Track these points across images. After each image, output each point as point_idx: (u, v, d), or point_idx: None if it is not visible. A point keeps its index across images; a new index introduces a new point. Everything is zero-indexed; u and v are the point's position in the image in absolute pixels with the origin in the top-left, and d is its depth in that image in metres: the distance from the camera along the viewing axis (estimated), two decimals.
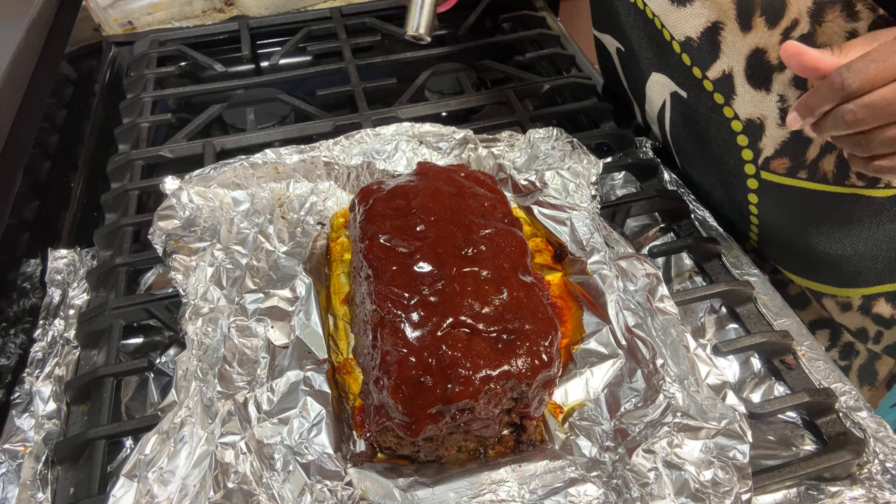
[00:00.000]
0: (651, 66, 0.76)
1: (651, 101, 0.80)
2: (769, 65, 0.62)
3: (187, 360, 0.57)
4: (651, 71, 0.76)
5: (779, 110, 0.64)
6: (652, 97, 0.79)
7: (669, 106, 0.77)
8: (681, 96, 0.73)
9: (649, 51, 0.76)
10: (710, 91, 0.68)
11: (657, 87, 0.77)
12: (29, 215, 0.76)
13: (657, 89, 0.77)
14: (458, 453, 0.54)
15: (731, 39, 0.64)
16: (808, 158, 0.65)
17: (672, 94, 0.75)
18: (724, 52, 0.65)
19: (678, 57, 0.70)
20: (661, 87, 0.76)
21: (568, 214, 0.69)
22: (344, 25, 1.08)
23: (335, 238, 0.71)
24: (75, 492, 0.54)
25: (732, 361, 0.63)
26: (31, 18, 0.79)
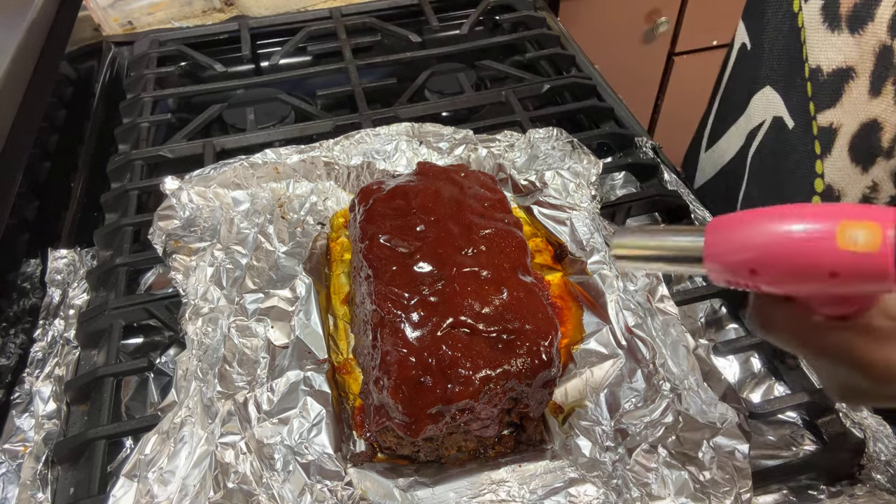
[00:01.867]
0: (770, 78, 0.69)
1: (750, 114, 0.73)
2: (878, 144, 0.56)
3: (187, 360, 0.57)
4: (768, 83, 0.70)
5: (863, 196, 0.58)
6: (753, 111, 0.73)
7: (767, 127, 0.70)
8: (785, 124, 0.66)
9: (777, 61, 0.68)
10: (813, 135, 0.62)
11: (765, 102, 0.70)
12: (29, 215, 0.76)
13: (763, 105, 0.71)
14: (458, 453, 0.54)
15: (856, 95, 0.57)
16: None
17: (776, 117, 0.68)
18: (843, 104, 0.58)
19: (803, 82, 0.63)
20: (768, 105, 0.70)
21: (568, 214, 0.69)
22: (344, 25, 1.08)
23: (335, 238, 0.71)
24: (75, 492, 0.54)
25: (732, 361, 0.63)
26: (31, 18, 0.79)
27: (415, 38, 1.04)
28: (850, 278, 0.29)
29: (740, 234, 0.32)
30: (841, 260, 0.29)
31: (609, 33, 1.58)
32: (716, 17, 1.58)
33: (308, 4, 1.18)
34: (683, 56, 1.68)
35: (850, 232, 0.29)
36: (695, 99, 1.43)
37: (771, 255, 0.31)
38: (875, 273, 0.28)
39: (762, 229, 0.31)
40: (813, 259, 0.29)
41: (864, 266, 0.28)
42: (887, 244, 0.28)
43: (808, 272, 0.30)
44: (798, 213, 0.30)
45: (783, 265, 0.30)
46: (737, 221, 0.32)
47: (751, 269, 0.31)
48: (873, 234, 0.28)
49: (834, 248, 0.29)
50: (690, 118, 1.29)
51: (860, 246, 0.29)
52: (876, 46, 0.55)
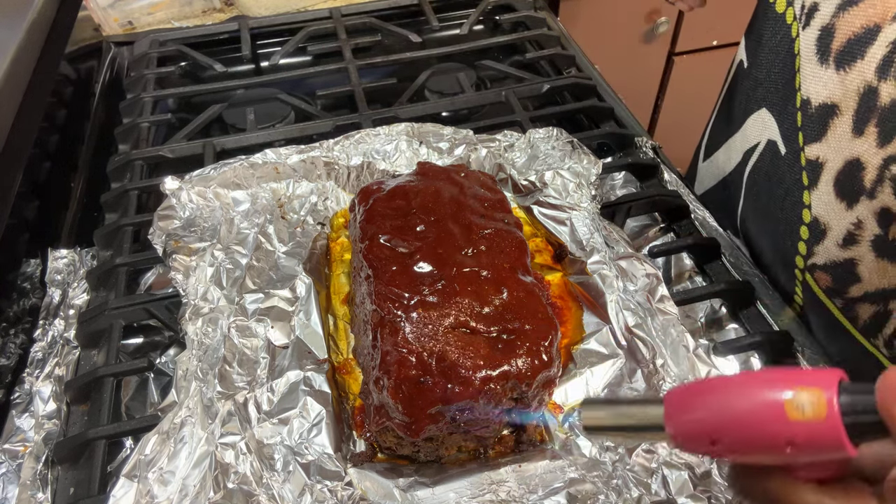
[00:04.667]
0: (766, 100, 0.68)
1: (746, 134, 0.73)
2: (860, 185, 0.55)
3: (187, 360, 0.57)
4: (763, 105, 0.68)
5: (847, 232, 0.57)
6: (749, 131, 0.72)
7: (762, 150, 0.69)
8: (778, 150, 0.66)
9: (773, 85, 0.66)
10: (802, 165, 0.61)
11: (760, 124, 0.69)
12: (29, 215, 0.76)
13: (759, 127, 0.69)
14: (458, 453, 0.54)
15: (840, 133, 0.56)
16: (849, 293, 0.59)
17: (770, 141, 0.67)
18: (828, 140, 0.58)
19: (794, 111, 0.62)
20: (763, 127, 0.69)
21: (568, 214, 0.69)
22: (344, 25, 1.08)
23: (335, 238, 0.71)
24: (75, 492, 0.54)
25: (732, 361, 0.63)
26: (31, 18, 0.79)
27: (415, 38, 1.04)
28: (806, 448, 0.29)
29: (695, 408, 0.32)
30: (793, 430, 0.29)
31: (609, 33, 1.58)
32: (716, 17, 1.59)
33: (308, 4, 1.18)
34: (683, 56, 1.68)
35: (797, 401, 0.29)
36: (695, 99, 1.43)
37: (726, 429, 0.31)
38: (829, 441, 0.28)
39: (715, 403, 0.31)
40: (766, 431, 0.30)
41: (816, 435, 0.29)
42: (833, 411, 0.28)
43: (765, 443, 0.30)
44: (748, 384, 0.31)
45: (740, 438, 0.31)
46: (692, 394, 0.33)
47: (711, 440, 0.31)
48: (819, 402, 0.28)
49: (784, 418, 0.29)
50: (690, 118, 1.29)
51: (808, 415, 0.29)
52: (860, 86, 0.54)
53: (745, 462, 0.33)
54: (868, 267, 0.57)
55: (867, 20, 0.54)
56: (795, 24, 0.62)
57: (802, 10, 0.61)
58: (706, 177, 0.88)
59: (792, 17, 0.63)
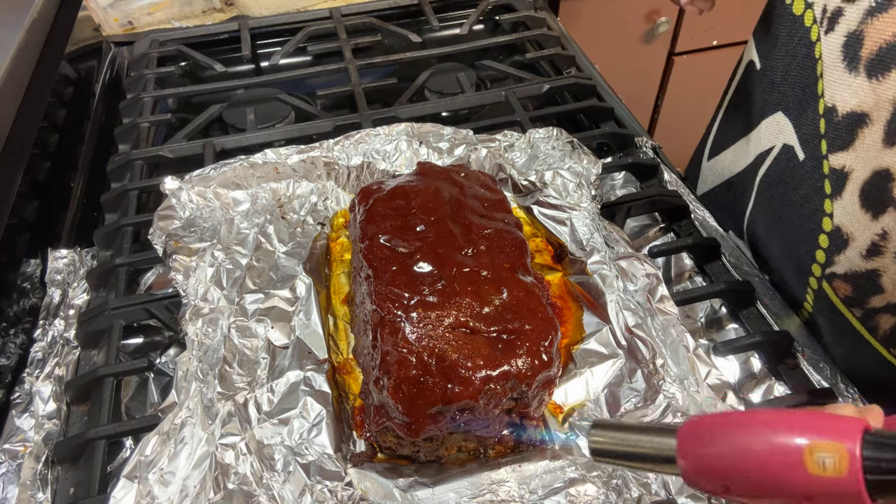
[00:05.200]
0: (782, 104, 0.66)
1: (760, 137, 0.71)
2: (889, 195, 0.53)
3: (187, 360, 0.57)
4: (779, 109, 0.66)
5: (871, 243, 0.56)
6: (763, 134, 0.70)
7: (776, 154, 0.68)
8: (795, 154, 0.64)
9: (791, 89, 0.64)
10: (825, 174, 0.59)
11: (775, 128, 0.67)
12: (29, 215, 0.76)
13: (773, 131, 0.68)
14: (458, 453, 0.54)
15: (869, 142, 0.55)
16: (870, 303, 0.58)
17: (786, 146, 0.65)
18: (856, 149, 0.56)
19: (817, 118, 0.60)
20: (778, 132, 0.67)
21: (568, 214, 0.69)
22: (344, 25, 1.08)
23: (335, 238, 0.71)
24: (75, 492, 0.54)
25: (732, 361, 0.63)
26: (31, 18, 0.79)
27: (415, 38, 1.04)
28: (824, 501, 0.28)
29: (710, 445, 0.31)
30: (812, 484, 0.28)
31: (609, 33, 1.58)
32: (716, 17, 1.58)
33: (308, 4, 1.18)
34: (683, 56, 1.68)
35: (818, 456, 0.28)
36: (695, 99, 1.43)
37: (742, 474, 0.30)
38: (848, 496, 0.28)
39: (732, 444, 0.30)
40: (783, 481, 0.29)
41: (835, 489, 0.28)
42: (855, 468, 0.27)
43: (782, 493, 0.29)
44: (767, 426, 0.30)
45: (755, 485, 0.30)
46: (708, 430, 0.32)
47: (724, 485, 0.31)
48: (841, 457, 0.28)
49: (803, 472, 0.28)
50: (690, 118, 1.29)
51: (829, 471, 0.28)
52: (895, 96, 0.52)
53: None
54: (892, 278, 0.56)
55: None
56: (815, 28, 0.60)
57: (824, 14, 0.59)
58: (710, 176, 0.88)
59: (811, 19, 0.61)
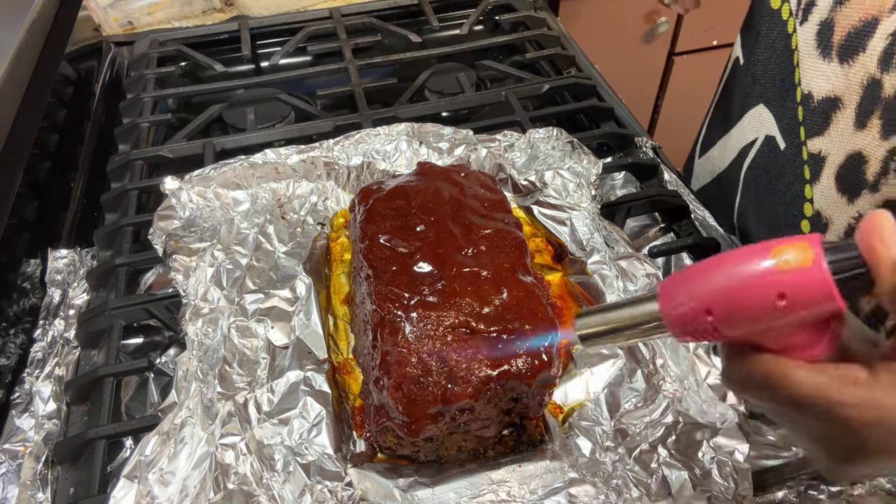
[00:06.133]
0: (763, 96, 0.69)
1: (743, 130, 0.73)
2: (863, 178, 0.55)
3: (187, 360, 0.57)
4: (761, 101, 0.69)
5: (848, 226, 0.57)
6: (746, 127, 0.72)
7: (759, 145, 0.70)
8: (776, 144, 0.66)
9: (770, 80, 0.67)
10: (804, 160, 0.61)
11: (757, 120, 0.70)
12: (29, 215, 0.76)
13: (756, 122, 0.70)
14: (458, 453, 0.54)
15: (842, 126, 0.57)
16: None
17: (768, 136, 0.68)
18: (830, 133, 0.58)
19: (795, 105, 0.62)
20: (760, 123, 0.69)
21: (568, 214, 0.69)
22: (344, 25, 1.08)
23: (335, 238, 0.71)
24: (75, 492, 0.54)
25: None
26: (31, 18, 0.79)
27: (415, 38, 1.04)
28: (797, 298, 0.30)
29: (690, 282, 0.33)
30: (782, 280, 0.30)
31: (609, 33, 1.58)
32: (716, 18, 1.59)
33: (308, 4, 1.18)
34: (683, 56, 1.68)
35: (784, 255, 0.31)
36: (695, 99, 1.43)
37: (720, 294, 0.32)
38: (817, 289, 0.30)
39: (709, 273, 0.33)
40: (757, 284, 0.31)
41: (805, 283, 0.30)
42: (818, 258, 0.30)
43: (758, 299, 0.31)
44: (736, 253, 0.32)
45: (734, 299, 0.32)
46: (685, 275, 0.34)
47: (706, 309, 0.32)
48: (804, 252, 0.30)
49: (772, 271, 0.31)
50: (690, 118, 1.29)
51: (794, 264, 0.30)
52: (864, 79, 0.54)
53: (740, 337, 0.33)
54: None
55: (865, 13, 0.54)
56: (792, 20, 0.63)
57: (799, 6, 0.61)
58: (701, 174, 0.89)
59: (788, 13, 0.63)
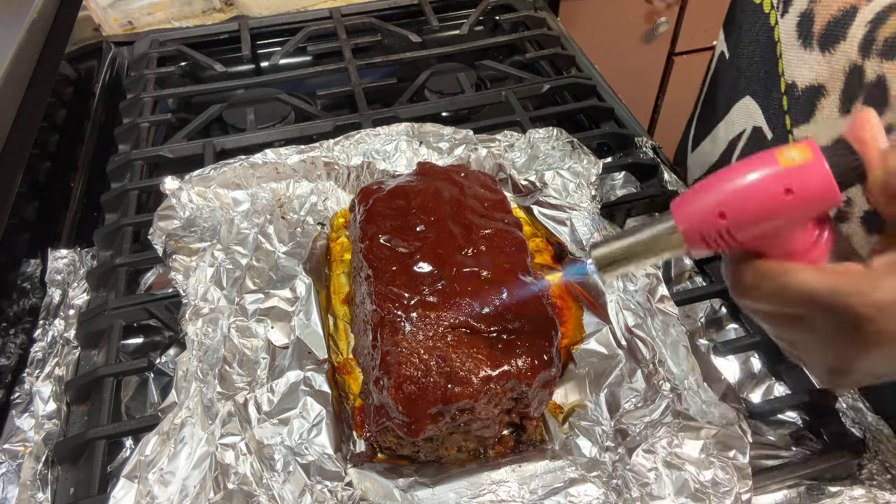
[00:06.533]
0: (749, 88, 0.70)
1: (732, 122, 0.75)
2: None
3: (187, 360, 0.57)
4: (747, 93, 0.71)
5: (837, 209, 0.58)
6: (735, 119, 0.74)
7: (747, 137, 0.72)
8: (764, 135, 0.68)
9: (755, 73, 0.69)
10: None
11: (745, 112, 0.71)
12: (29, 215, 0.76)
13: (744, 114, 0.72)
14: (459, 453, 0.54)
15: (827, 112, 0.59)
16: None
17: (755, 127, 0.69)
18: (816, 120, 0.60)
19: (780, 95, 0.64)
20: (748, 115, 0.71)
21: (568, 214, 0.69)
22: (344, 25, 1.08)
23: (335, 238, 0.71)
24: (75, 492, 0.54)
25: (732, 361, 0.63)
26: (31, 18, 0.79)
27: (415, 38, 1.04)
28: (802, 191, 0.34)
29: (701, 192, 0.37)
30: (788, 175, 0.35)
31: (609, 33, 1.58)
32: (716, 18, 1.58)
33: (308, 4, 1.18)
34: (683, 56, 1.68)
35: (787, 154, 0.35)
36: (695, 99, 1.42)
37: (732, 192, 0.36)
38: (819, 181, 0.34)
39: (719, 181, 0.37)
40: (765, 181, 0.35)
41: (808, 176, 0.34)
42: (818, 154, 0.34)
43: (767, 195, 0.35)
44: (741, 162, 0.36)
45: (744, 196, 0.35)
46: (695, 188, 0.38)
47: (719, 212, 0.36)
48: (805, 151, 0.35)
49: (778, 169, 0.35)
50: None
51: (797, 160, 0.35)
52: (846, 66, 0.56)
53: (750, 240, 0.36)
54: (860, 242, 0.58)
55: (843, 2, 0.56)
56: (773, 13, 0.65)
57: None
58: (694, 167, 0.90)
59: (769, 6, 0.65)
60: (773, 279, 0.36)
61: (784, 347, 0.43)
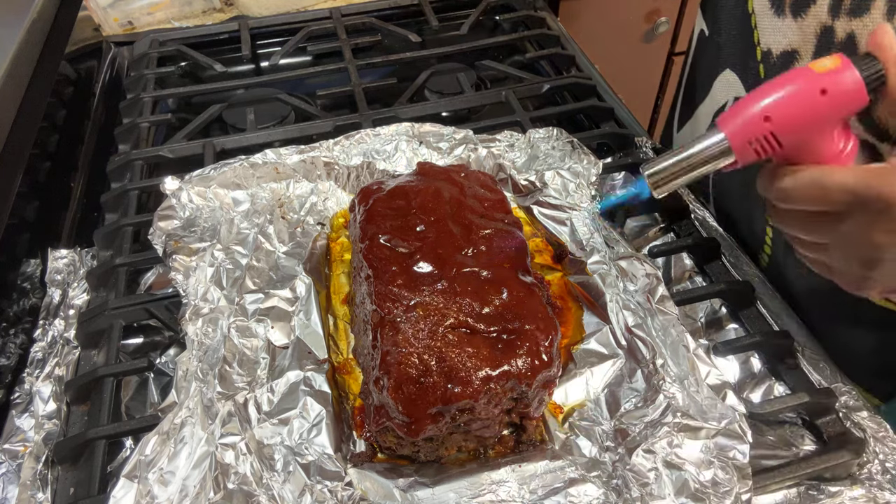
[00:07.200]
0: (728, 62, 0.73)
1: (714, 96, 0.78)
2: None
3: (187, 360, 0.57)
4: (727, 67, 0.74)
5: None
6: (717, 93, 0.77)
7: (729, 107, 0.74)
8: None
9: (733, 46, 0.72)
10: None
11: (726, 85, 0.74)
12: (29, 215, 0.76)
13: (725, 87, 0.75)
14: (458, 453, 0.54)
15: None
16: None
17: (737, 98, 0.72)
18: None
19: (756, 64, 0.67)
20: (729, 87, 0.74)
21: (568, 214, 0.69)
22: (344, 25, 1.08)
23: (335, 238, 0.71)
24: (75, 492, 0.54)
25: (732, 361, 0.63)
26: (31, 18, 0.79)
27: (415, 38, 1.04)
28: (835, 90, 0.41)
29: (746, 104, 0.43)
30: (823, 78, 0.41)
31: (609, 33, 1.58)
32: None
33: (308, 4, 1.18)
34: (684, 56, 1.68)
35: (820, 63, 0.42)
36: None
37: (775, 98, 0.42)
38: (848, 80, 0.41)
39: (761, 92, 0.43)
40: (804, 84, 0.41)
41: (839, 77, 0.41)
42: (845, 59, 0.41)
43: (806, 96, 0.41)
44: (780, 77, 0.43)
45: (786, 99, 0.42)
46: (739, 103, 0.43)
47: (765, 116, 0.42)
48: (834, 59, 0.42)
49: (812, 72, 0.42)
50: None
51: (829, 66, 0.41)
52: (817, 28, 0.59)
53: (792, 144, 0.43)
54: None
55: None
56: None
57: None
58: None
59: None
60: (812, 180, 0.42)
61: (812, 257, 0.48)
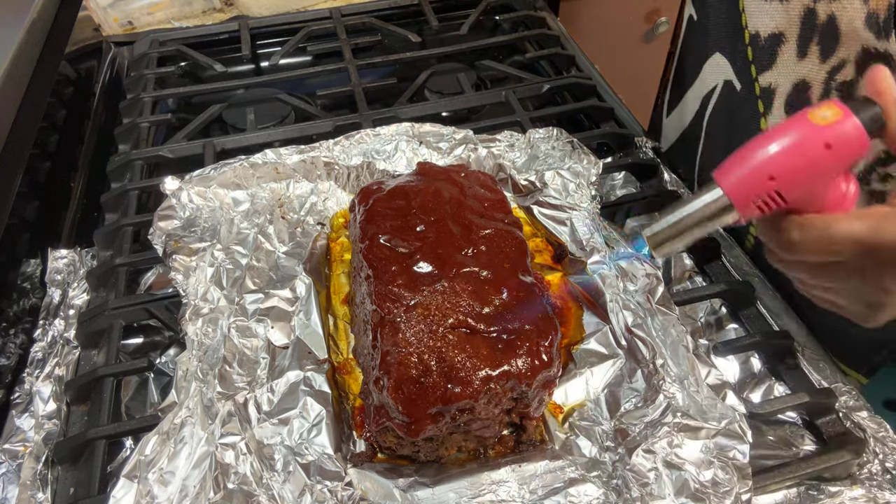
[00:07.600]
0: (717, 45, 0.75)
1: (703, 80, 0.79)
2: (808, 102, 0.58)
3: (187, 360, 0.57)
4: (716, 50, 0.75)
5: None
6: (706, 77, 0.78)
7: (719, 91, 0.76)
8: (734, 86, 0.72)
9: (722, 29, 0.73)
10: (756, 95, 0.68)
11: (715, 68, 0.76)
12: (29, 215, 0.76)
13: (714, 71, 0.76)
14: (459, 453, 0.54)
15: (787, 57, 0.63)
16: None
17: (726, 81, 0.73)
18: (778, 66, 0.64)
19: (745, 47, 0.68)
20: (718, 71, 0.75)
21: (568, 214, 0.69)
22: (344, 25, 1.08)
23: (335, 238, 0.71)
24: (75, 492, 0.54)
25: (732, 361, 0.63)
26: (31, 18, 0.79)
27: (415, 38, 1.04)
28: (839, 143, 0.39)
29: (745, 158, 0.41)
30: (824, 133, 0.39)
31: (609, 33, 1.58)
32: None
33: (308, 4, 1.18)
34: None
35: (818, 114, 0.40)
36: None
37: (777, 154, 0.40)
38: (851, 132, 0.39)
39: (760, 146, 0.40)
40: (808, 140, 0.39)
41: (842, 130, 0.39)
42: (844, 108, 0.39)
43: (811, 151, 0.39)
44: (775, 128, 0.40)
45: (790, 156, 0.39)
46: (736, 157, 0.41)
47: (768, 175, 0.40)
48: (833, 109, 0.40)
49: (814, 126, 0.39)
50: None
51: (830, 118, 0.39)
52: (801, 11, 0.60)
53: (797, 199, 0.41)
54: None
55: None
56: None
57: None
58: (670, 132, 0.92)
59: None
60: (818, 230, 0.41)
61: (819, 296, 0.47)
